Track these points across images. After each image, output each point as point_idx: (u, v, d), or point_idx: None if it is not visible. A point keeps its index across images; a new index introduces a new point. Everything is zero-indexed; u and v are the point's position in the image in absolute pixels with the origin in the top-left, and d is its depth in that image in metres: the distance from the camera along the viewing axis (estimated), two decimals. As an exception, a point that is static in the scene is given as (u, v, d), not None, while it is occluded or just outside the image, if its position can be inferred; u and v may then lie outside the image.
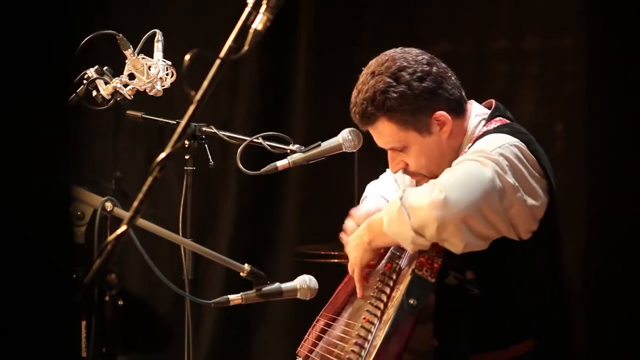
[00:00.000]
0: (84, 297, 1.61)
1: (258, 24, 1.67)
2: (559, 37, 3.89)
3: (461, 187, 2.10)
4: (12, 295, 1.21)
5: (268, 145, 2.62)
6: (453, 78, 2.41)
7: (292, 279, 2.47)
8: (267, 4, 1.67)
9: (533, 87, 3.91)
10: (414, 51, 2.41)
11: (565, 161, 3.72)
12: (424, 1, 4.19)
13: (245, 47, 1.65)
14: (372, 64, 2.42)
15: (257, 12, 1.67)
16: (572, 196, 3.63)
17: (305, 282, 2.46)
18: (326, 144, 2.57)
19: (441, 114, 2.36)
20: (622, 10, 3.65)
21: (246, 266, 2.42)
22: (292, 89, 4.41)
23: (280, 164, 2.56)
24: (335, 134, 2.58)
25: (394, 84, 2.34)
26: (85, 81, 2.58)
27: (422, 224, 2.08)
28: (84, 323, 2.18)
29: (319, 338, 2.43)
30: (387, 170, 2.75)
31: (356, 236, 2.34)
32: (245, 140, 2.63)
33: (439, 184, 2.10)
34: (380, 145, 2.46)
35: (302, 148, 2.59)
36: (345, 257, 2.41)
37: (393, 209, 2.15)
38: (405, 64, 2.36)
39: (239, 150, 2.56)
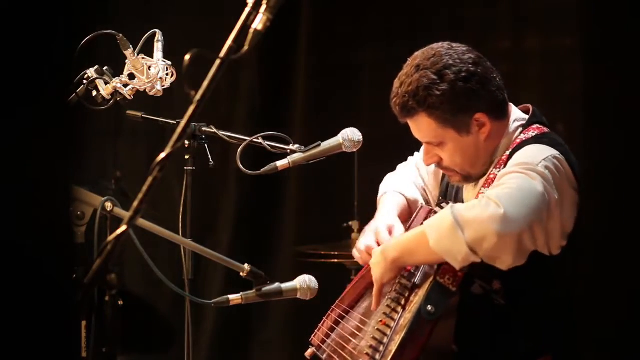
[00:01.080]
0: (84, 297, 1.61)
1: (258, 24, 1.67)
2: (559, 37, 3.89)
3: (518, 202, 2.09)
4: (12, 295, 1.21)
5: (268, 145, 2.62)
6: (498, 79, 2.38)
7: (292, 279, 2.47)
8: (267, 4, 1.67)
9: (533, 87, 3.91)
10: (461, 48, 2.37)
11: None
12: (424, 1, 4.19)
13: (245, 47, 1.65)
14: (418, 55, 2.38)
15: (257, 12, 1.67)
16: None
17: (305, 282, 2.46)
18: (326, 144, 2.57)
19: (482, 115, 2.34)
20: (622, 11, 3.65)
21: (246, 266, 2.42)
22: (292, 89, 4.41)
23: (280, 164, 2.56)
24: (335, 134, 2.58)
25: (438, 81, 2.31)
26: (85, 81, 2.58)
27: (480, 238, 2.07)
28: (84, 323, 2.18)
29: (332, 329, 2.42)
30: (410, 158, 2.73)
31: (380, 252, 2.31)
32: (245, 140, 2.63)
33: (494, 198, 2.09)
34: (416, 137, 2.44)
35: (302, 148, 2.59)
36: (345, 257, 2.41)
37: (443, 224, 2.12)
38: (451, 62, 2.32)
39: (239, 150, 2.56)
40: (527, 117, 2.42)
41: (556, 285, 2.32)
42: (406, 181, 2.66)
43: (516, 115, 2.42)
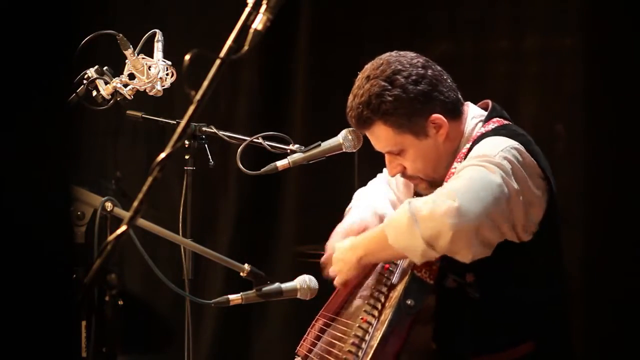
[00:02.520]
0: (84, 297, 1.61)
1: (258, 24, 1.67)
2: (559, 37, 3.89)
3: (473, 195, 2.09)
4: (12, 295, 1.21)
5: (268, 145, 2.62)
6: (449, 81, 2.40)
7: (292, 279, 2.48)
8: (267, 4, 1.67)
9: (533, 87, 3.91)
10: (409, 54, 2.40)
11: (565, 161, 3.71)
12: (424, 1, 4.19)
13: (245, 47, 1.65)
14: (368, 67, 2.41)
15: (257, 12, 1.67)
16: (571, 196, 3.63)
17: (305, 282, 2.47)
18: (326, 144, 2.57)
19: (437, 117, 2.35)
20: (621, 10, 3.65)
21: (246, 266, 2.42)
22: (292, 89, 4.41)
23: (280, 164, 2.56)
24: (335, 133, 2.58)
25: (389, 87, 2.33)
26: (85, 81, 2.58)
27: (435, 233, 2.07)
28: (84, 323, 2.18)
29: (318, 338, 2.43)
30: (379, 175, 2.74)
31: (342, 252, 2.34)
32: (245, 140, 2.63)
33: (450, 192, 2.09)
34: (377, 149, 2.45)
35: (302, 148, 2.59)
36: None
37: (401, 221, 2.13)
38: (400, 67, 2.35)
39: (239, 150, 2.56)
40: (485, 113, 2.42)
41: (532, 271, 2.32)
42: (377, 195, 2.66)
43: (474, 112, 2.43)
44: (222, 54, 1.63)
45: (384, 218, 2.56)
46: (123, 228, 1.56)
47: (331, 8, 4.35)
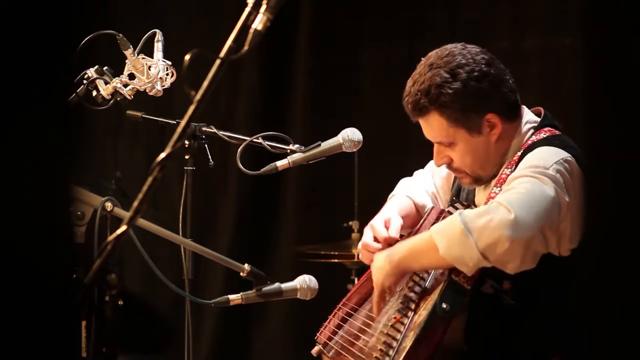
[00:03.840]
0: (84, 297, 1.61)
1: (258, 24, 1.67)
2: (559, 37, 3.89)
3: (528, 207, 2.10)
4: (12, 295, 1.21)
5: (268, 145, 2.62)
6: (510, 81, 2.38)
7: (292, 279, 2.48)
8: (267, 4, 1.67)
9: (533, 87, 3.91)
10: (475, 49, 2.38)
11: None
12: (424, 1, 4.19)
13: (245, 47, 1.65)
14: (432, 55, 2.38)
15: (257, 12, 1.67)
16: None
17: (305, 282, 2.47)
18: (326, 144, 2.57)
19: (493, 116, 2.34)
20: (621, 11, 3.65)
21: (246, 266, 2.42)
22: (292, 89, 4.41)
23: (280, 164, 2.56)
24: (335, 133, 2.58)
25: (451, 80, 2.31)
26: (85, 81, 2.58)
27: (492, 244, 2.07)
28: (84, 323, 2.18)
29: (339, 327, 2.42)
30: (427, 166, 2.73)
31: (384, 257, 2.31)
32: (245, 140, 2.63)
33: (505, 203, 2.09)
34: (427, 137, 2.43)
35: (302, 148, 2.59)
36: (345, 257, 2.41)
37: (454, 231, 2.13)
38: (464, 61, 2.33)
39: (239, 150, 2.56)
40: (539, 119, 2.42)
41: (566, 286, 2.32)
42: (417, 186, 2.66)
43: (528, 117, 2.42)
44: (222, 54, 1.63)
45: (424, 208, 2.57)
46: (123, 228, 1.56)
47: (331, 8, 4.36)
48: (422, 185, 2.66)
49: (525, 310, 2.27)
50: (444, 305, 2.15)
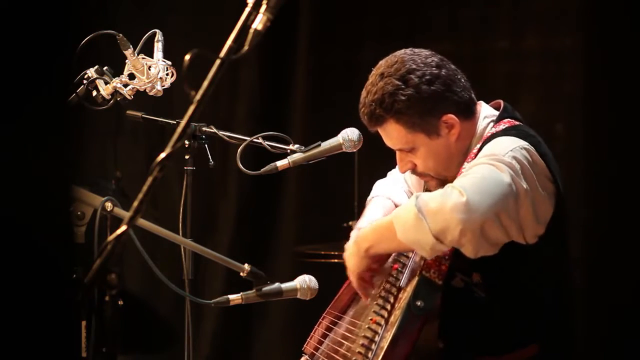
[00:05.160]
0: (84, 297, 1.61)
1: (258, 24, 1.67)
2: (559, 37, 3.89)
3: (481, 191, 2.09)
4: (12, 295, 1.21)
5: (268, 145, 2.62)
6: (463, 80, 2.39)
7: (292, 279, 2.48)
8: (267, 4, 1.67)
9: (533, 87, 3.91)
10: (424, 52, 2.39)
11: (565, 161, 3.71)
12: (423, 1, 4.19)
13: (245, 47, 1.65)
14: (382, 64, 2.40)
15: (257, 12, 1.67)
16: (571, 196, 3.62)
17: (305, 282, 2.47)
18: (326, 144, 2.57)
19: (450, 116, 2.35)
20: (621, 11, 3.65)
21: (246, 266, 2.42)
22: (292, 89, 4.41)
23: (280, 164, 2.56)
24: (335, 134, 2.59)
25: (403, 86, 2.32)
26: (85, 81, 2.58)
27: (444, 228, 2.07)
28: (84, 323, 2.18)
29: (325, 336, 2.43)
30: (396, 168, 2.74)
31: (353, 243, 2.33)
32: (245, 140, 2.63)
33: (458, 187, 2.09)
34: (388, 145, 2.45)
35: (302, 148, 2.59)
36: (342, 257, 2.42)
37: (408, 215, 2.13)
38: (414, 66, 2.34)
39: (239, 150, 2.56)
40: (497, 113, 2.42)
41: (539, 274, 2.31)
42: (394, 186, 2.67)
43: (486, 112, 2.43)
44: (222, 54, 1.63)
45: None
46: (123, 228, 1.56)
47: (331, 8, 4.36)
48: (399, 185, 2.67)
49: (498, 301, 2.27)
50: (418, 303, 2.16)
